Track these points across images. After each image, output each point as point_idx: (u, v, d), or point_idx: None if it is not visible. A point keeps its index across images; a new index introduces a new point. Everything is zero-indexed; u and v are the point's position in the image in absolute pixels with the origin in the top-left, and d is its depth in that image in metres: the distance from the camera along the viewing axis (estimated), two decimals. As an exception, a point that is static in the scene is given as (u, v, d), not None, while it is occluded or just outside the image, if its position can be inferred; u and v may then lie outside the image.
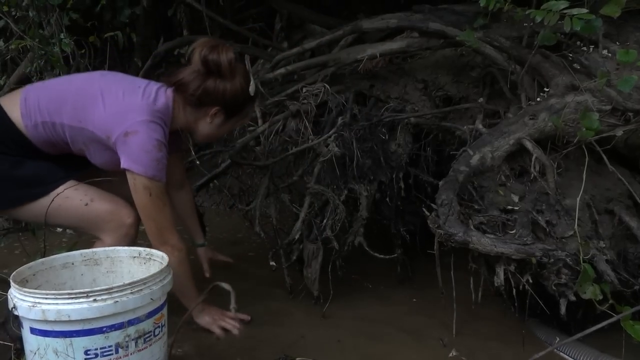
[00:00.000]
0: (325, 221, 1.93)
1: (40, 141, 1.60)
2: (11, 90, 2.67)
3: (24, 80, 3.30)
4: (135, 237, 1.67)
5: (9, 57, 3.36)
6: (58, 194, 1.58)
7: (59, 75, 3.00)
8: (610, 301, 1.51)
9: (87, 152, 1.63)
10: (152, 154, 1.52)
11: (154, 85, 1.63)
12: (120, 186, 1.60)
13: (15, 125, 1.58)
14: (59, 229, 2.74)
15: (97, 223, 1.62)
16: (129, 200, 1.61)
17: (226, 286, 1.30)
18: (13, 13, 2.93)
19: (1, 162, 1.59)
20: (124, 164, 1.52)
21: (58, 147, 1.63)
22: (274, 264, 2.03)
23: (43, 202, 1.59)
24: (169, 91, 1.63)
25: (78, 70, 3.07)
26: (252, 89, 1.70)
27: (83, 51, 3.07)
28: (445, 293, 1.75)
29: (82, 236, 2.15)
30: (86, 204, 1.60)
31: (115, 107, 1.55)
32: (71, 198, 1.60)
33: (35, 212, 1.61)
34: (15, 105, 1.59)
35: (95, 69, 3.17)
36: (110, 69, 3.23)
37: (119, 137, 1.51)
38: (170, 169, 1.75)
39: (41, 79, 3.08)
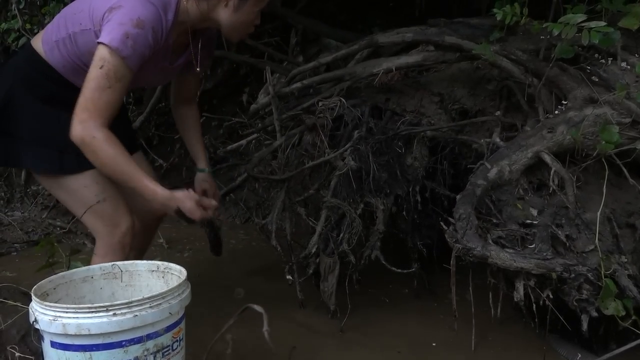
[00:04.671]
0: (341, 235, 1.93)
1: (61, 66, 1.56)
2: None
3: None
4: (128, 247, 1.64)
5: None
6: (77, 177, 1.57)
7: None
8: (633, 317, 1.49)
9: (77, 53, 1.55)
10: (124, 27, 1.38)
11: None
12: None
13: (40, 55, 1.56)
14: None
15: (97, 222, 1.61)
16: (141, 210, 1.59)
17: (258, 308, 1.27)
18: (35, 31, 2.99)
19: (45, 118, 1.55)
20: (101, 37, 1.40)
21: (77, 71, 1.55)
22: (290, 277, 2.02)
23: (65, 179, 1.58)
24: None
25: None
26: None
27: (102, 67, 3.12)
28: (457, 316, 1.72)
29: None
30: (98, 201, 1.59)
31: None
32: (89, 188, 1.58)
33: (52, 183, 1.62)
34: (39, 37, 1.60)
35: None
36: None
37: (105, 17, 1.42)
38: (186, 83, 1.73)
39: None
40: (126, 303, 1.21)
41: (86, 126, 1.40)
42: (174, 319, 1.31)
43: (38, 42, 1.60)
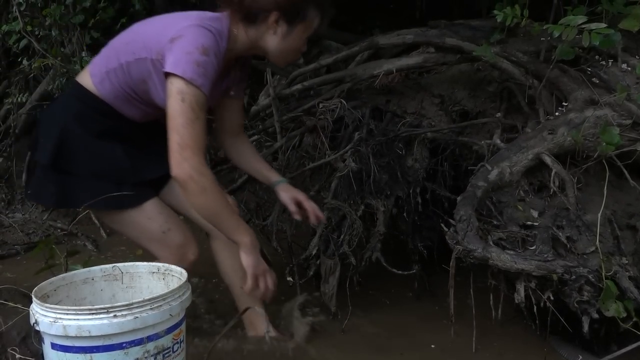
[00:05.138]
0: (342, 236, 1.93)
1: (111, 97, 1.56)
2: None
3: (46, 97, 3.37)
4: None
5: (32, 75, 3.43)
6: (138, 210, 1.58)
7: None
8: (634, 319, 1.48)
9: (151, 92, 1.53)
10: (193, 56, 1.38)
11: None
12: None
13: (88, 90, 1.57)
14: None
15: (164, 252, 1.62)
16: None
17: (259, 310, 1.27)
18: (36, 32, 3.00)
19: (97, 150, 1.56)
20: (167, 67, 1.40)
21: (128, 101, 1.57)
22: (291, 279, 2.02)
23: (126, 214, 1.59)
24: (222, 13, 1.53)
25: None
26: None
27: (103, 69, 3.13)
28: (458, 318, 1.72)
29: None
30: (163, 232, 1.59)
31: (164, 23, 1.49)
32: (153, 220, 1.59)
33: (113, 218, 1.62)
34: (85, 72, 1.61)
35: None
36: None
37: (166, 46, 1.41)
38: (229, 112, 1.71)
39: (62, 96, 3.15)
40: (127, 305, 1.21)
41: (193, 163, 1.37)
42: (175, 320, 1.31)
43: (85, 77, 1.60)
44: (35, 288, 1.31)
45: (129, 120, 1.61)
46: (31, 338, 1.48)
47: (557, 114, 1.84)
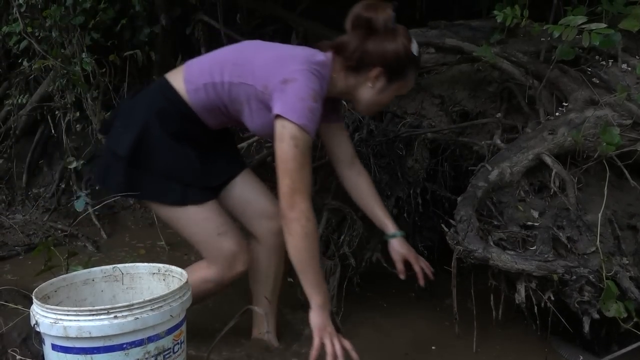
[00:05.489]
0: (342, 237, 1.93)
1: (200, 106, 1.58)
2: None
3: (46, 99, 3.37)
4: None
5: (32, 76, 3.44)
6: (198, 209, 1.59)
7: (80, 94, 3.07)
8: (635, 319, 1.48)
9: (244, 114, 1.57)
10: (306, 102, 1.43)
11: (311, 49, 1.60)
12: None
13: (178, 93, 1.58)
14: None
15: (215, 254, 1.62)
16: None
17: (259, 310, 1.27)
18: (37, 34, 3.00)
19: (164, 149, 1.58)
20: (275, 109, 1.45)
21: (215, 113, 1.60)
22: (291, 279, 2.02)
23: (186, 210, 1.60)
24: (328, 54, 1.57)
25: (98, 88, 3.14)
26: (415, 48, 1.56)
27: (104, 70, 3.13)
28: (458, 319, 1.72)
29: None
30: (219, 234, 1.60)
31: (274, 57, 1.53)
32: (209, 220, 1.61)
33: (172, 214, 1.63)
34: (178, 74, 1.61)
35: (115, 87, 3.23)
36: (130, 87, 3.29)
37: (276, 85, 1.46)
38: (336, 141, 1.73)
39: (62, 97, 3.15)
40: (127, 306, 1.21)
41: (303, 208, 1.43)
42: (175, 321, 1.31)
43: (178, 80, 1.60)
44: (36, 289, 1.31)
45: (204, 125, 1.63)
46: (32, 339, 1.48)
47: (557, 114, 1.84)
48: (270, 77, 1.48)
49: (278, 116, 1.44)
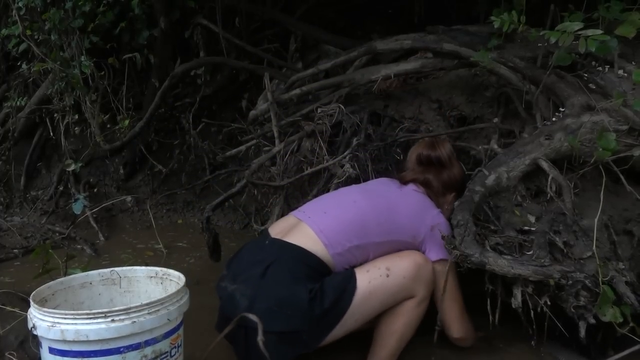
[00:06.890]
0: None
1: (340, 265, 1.62)
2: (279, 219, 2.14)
3: (45, 102, 3.38)
4: None
5: (31, 79, 3.44)
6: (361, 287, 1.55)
7: (79, 97, 3.07)
8: (631, 324, 1.49)
9: (369, 256, 1.64)
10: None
11: (406, 185, 1.76)
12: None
13: (317, 256, 1.58)
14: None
15: (405, 284, 1.57)
16: None
17: (254, 317, 1.28)
18: (36, 37, 3.01)
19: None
20: (437, 255, 1.63)
21: (352, 263, 1.64)
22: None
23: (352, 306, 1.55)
24: (419, 187, 1.76)
25: (97, 91, 3.15)
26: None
27: (102, 72, 3.14)
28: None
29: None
30: (387, 275, 1.57)
31: (411, 211, 1.67)
32: (371, 273, 1.57)
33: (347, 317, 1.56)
34: (313, 240, 1.60)
35: (114, 89, 3.24)
36: (129, 89, 3.30)
37: (427, 234, 1.64)
38: None
39: (61, 100, 3.16)
40: (124, 309, 1.21)
41: (470, 326, 1.72)
42: (172, 325, 1.31)
43: (315, 245, 1.59)
44: (33, 292, 1.32)
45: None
46: (29, 342, 1.48)
47: (554, 119, 1.85)
48: (416, 227, 1.65)
49: (441, 260, 1.63)
